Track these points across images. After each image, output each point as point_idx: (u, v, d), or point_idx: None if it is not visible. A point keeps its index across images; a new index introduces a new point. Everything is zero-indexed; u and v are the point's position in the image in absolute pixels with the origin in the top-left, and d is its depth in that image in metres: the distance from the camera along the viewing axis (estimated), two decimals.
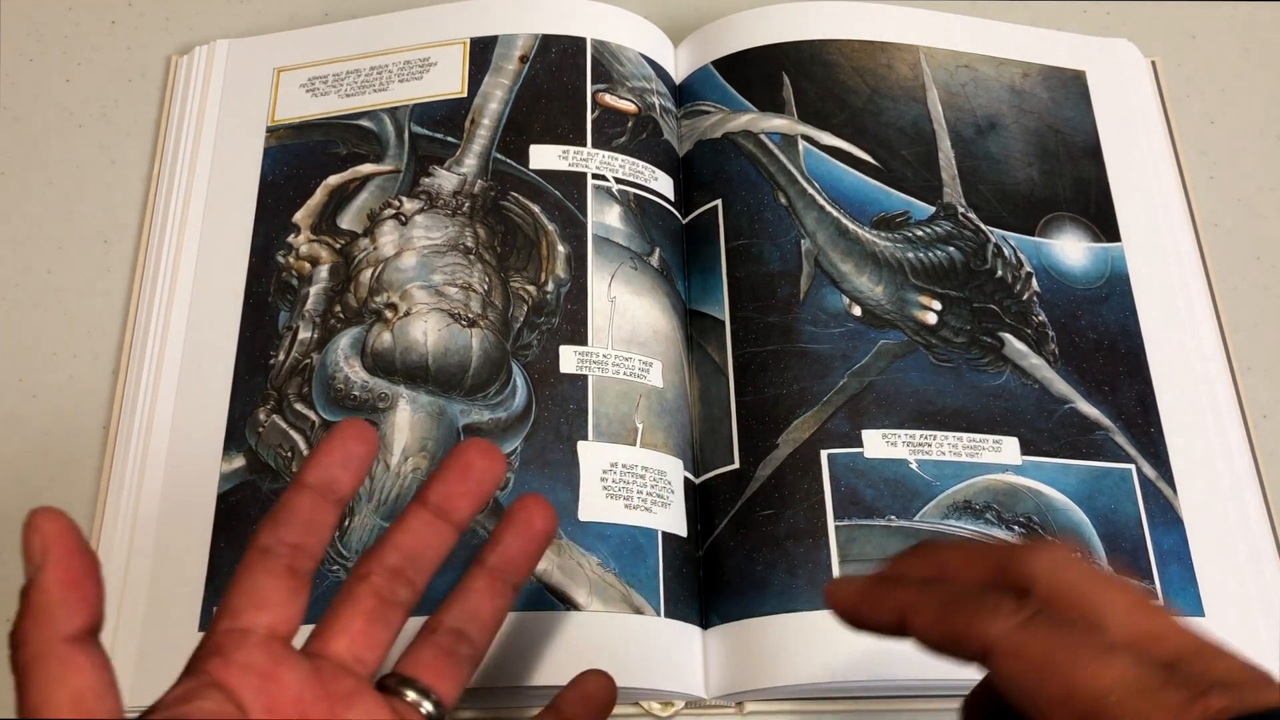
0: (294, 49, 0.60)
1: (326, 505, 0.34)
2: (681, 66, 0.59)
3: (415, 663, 0.35)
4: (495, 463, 0.36)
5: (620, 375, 0.50)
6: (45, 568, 0.29)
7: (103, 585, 0.30)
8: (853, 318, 0.52)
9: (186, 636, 0.46)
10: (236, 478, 0.49)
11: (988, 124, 0.57)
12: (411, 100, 0.57)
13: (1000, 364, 0.51)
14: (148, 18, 0.63)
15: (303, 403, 0.50)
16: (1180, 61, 0.63)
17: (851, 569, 0.46)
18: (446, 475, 0.36)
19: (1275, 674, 0.26)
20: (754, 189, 0.54)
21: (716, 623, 0.47)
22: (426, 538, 0.35)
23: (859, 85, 0.57)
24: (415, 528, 0.35)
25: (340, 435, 0.34)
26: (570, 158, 0.55)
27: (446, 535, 0.36)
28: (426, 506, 0.36)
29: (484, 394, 0.50)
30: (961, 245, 0.54)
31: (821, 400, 0.50)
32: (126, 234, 0.57)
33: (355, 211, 0.55)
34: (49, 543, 0.29)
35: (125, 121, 0.60)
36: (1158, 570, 0.48)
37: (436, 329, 0.51)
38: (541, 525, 0.37)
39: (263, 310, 0.53)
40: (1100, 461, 0.50)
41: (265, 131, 0.57)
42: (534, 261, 0.52)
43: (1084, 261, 0.55)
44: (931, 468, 0.49)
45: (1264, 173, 0.60)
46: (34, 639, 0.29)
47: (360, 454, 0.34)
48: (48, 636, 0.29)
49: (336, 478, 0.34)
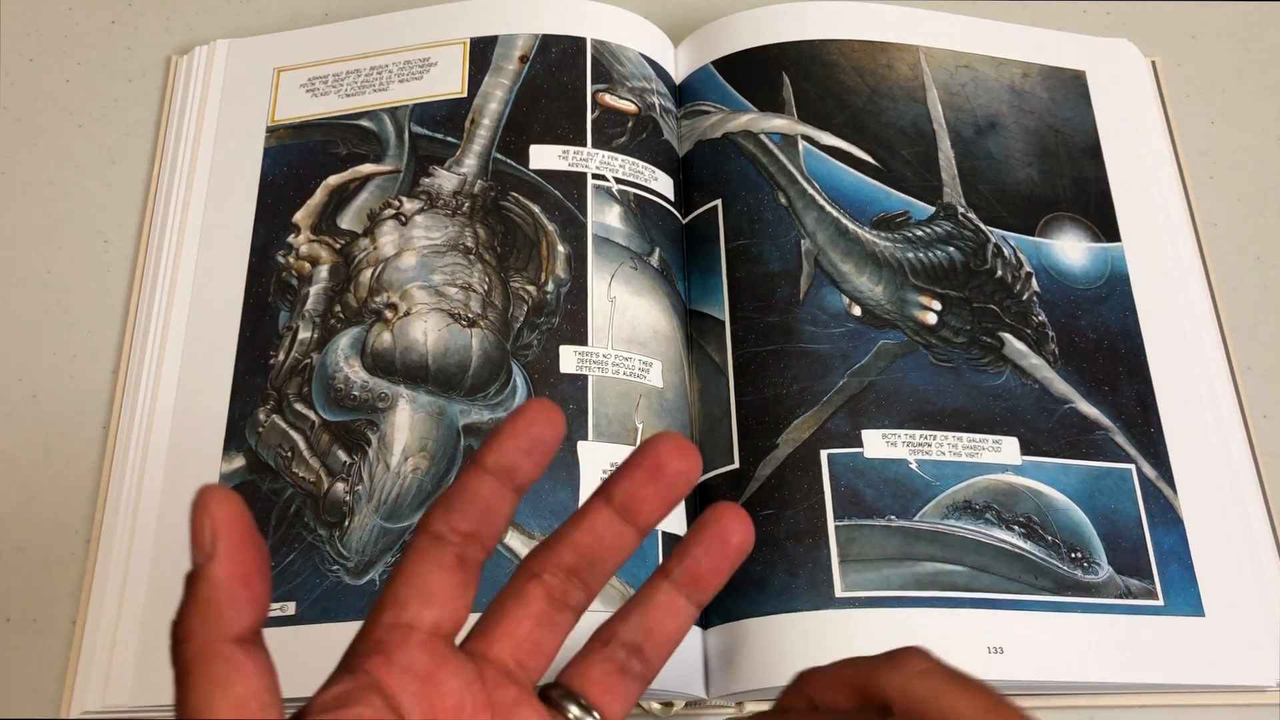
0: (294, 49, 0.60)
1: (505, 493, 0.31)
2: (681, 66, 0.59)
3: (583, 676, 0.33)
4: (692, 465, 0.32)
5: (620, 375, 0.50)
6: (216, 559, 0.27)
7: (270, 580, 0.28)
8: (853, 318, 0.52)
9: None
10: (236, 478, 0.49)
11: (988, 124, 0.57)
12: (411, 100, 0.57)
13: (1000, 364, 0.51)
14: (148, 18, 0.63)
15: (303, 403, 0.50)
16: (1180, 61, 0.63)
17: (851, 569, 0.46)
18: (635, 473, 0.32)
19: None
20: (754, 189, 0.54)
21: (716, 623, 0.47)
22: (608, 539, 0.32)
23: (859, 85, 0.57)
24: (596, 527, 0.32)
25: (526, 417, 0.31)
26: (570, 158, 0.55)
27: (629, 540, 0.32)
28: (610, 505, 0.32)
29: (484, 394, 0.50)
30: (961, 245, 0.54)
31: (821, 400, 0.50)
32: (126, 234, 0.57)
33: (355, 211, 0.55)
34: (220, 529, 0.27)
35: (125, 121, 0.60)
36: (1158, 570, 0.48)
37: (436, 329, 0.51)
38: (738, 540, 0.33)
39: (263, 310, 0.53)
40: (1100, 461, 0.50)
41: (265, 131, 0.57)
42: (534, 261, 0.52)
43: (1084, 261, 0.55)
44: (931, 468, 0.49)
45: (1264, 173, 0.60)
46: (199, 636, 0.27)
47: (547, 439, 0.31)
48: (214, 635, 0.27)
49: (518, 464, 0.31)
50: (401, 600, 0.30)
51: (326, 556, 0.47)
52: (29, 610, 0.49)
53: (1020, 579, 0.47)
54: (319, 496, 0.48)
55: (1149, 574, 0.48)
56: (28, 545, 0.50)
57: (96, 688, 0.46)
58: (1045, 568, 0.47)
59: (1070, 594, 0.47)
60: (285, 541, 0.47)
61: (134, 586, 0.47)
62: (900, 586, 0.46)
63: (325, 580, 0.47)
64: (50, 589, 0.49)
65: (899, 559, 0.46)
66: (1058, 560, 0.47)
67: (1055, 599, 0.46)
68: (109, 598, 0.47)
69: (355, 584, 0.46)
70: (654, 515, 0.32)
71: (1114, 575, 0.47)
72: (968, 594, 0.46)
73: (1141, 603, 0.47)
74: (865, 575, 0.46)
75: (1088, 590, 0.47)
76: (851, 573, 0.46)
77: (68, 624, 0.48)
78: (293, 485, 0.49)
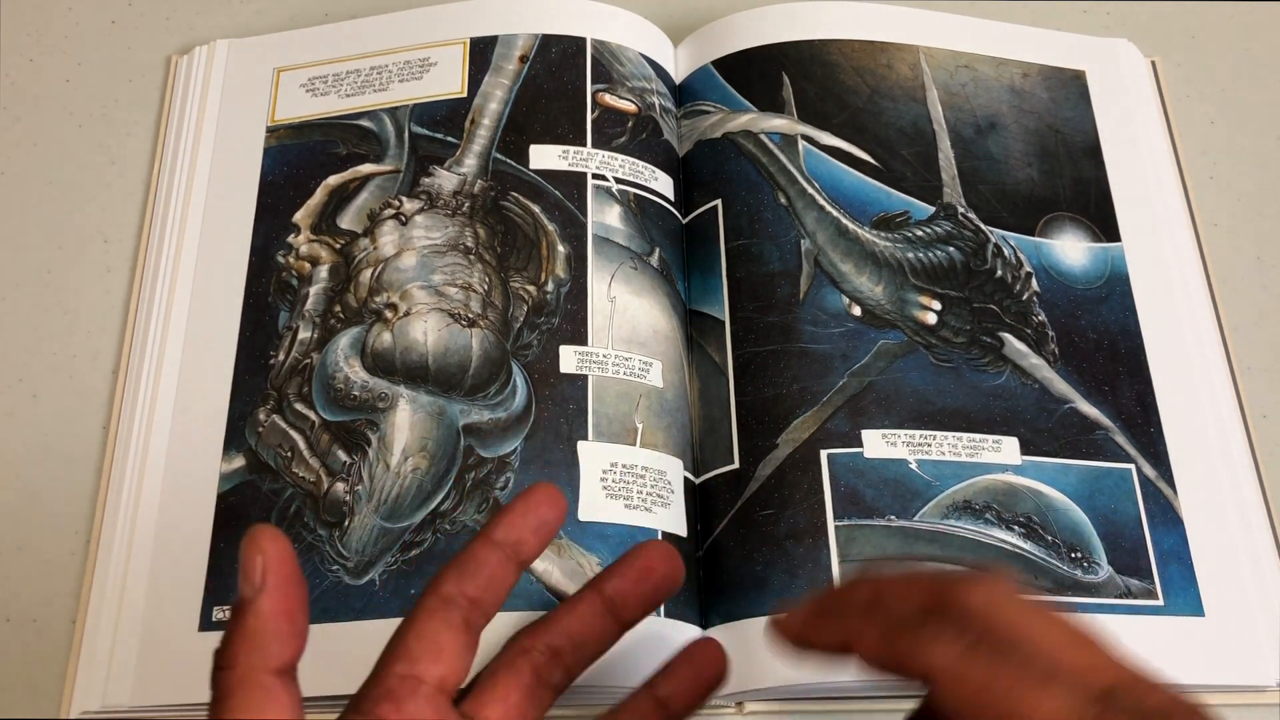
0: (294, 49, 0.60)
1: (510, 565, 0.34)
2: (681, 66, 0.59)
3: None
4: (677, 570, 0.36)
5: (620, 375, 0.50)
6: (265, 593, 0.29)
7: (309, 617, 0.30)
8: (853, 318, 0.52)
9: (186, 636, 0.46)
10: (236, 478, 0.49)
11: (988, 124, 0.57)
12: (411, 100, 0.57)
13: (1000, 364, 0.51)
14: (148, 18, 0.63)
15: (303, 403, 0.50)
16: (1180, 61, 0.63)
17: (851, 569, 0.46)
18: (627, 572, 0.36)
19: (1207, 708, 0.27)
20: (754, 189, 0.54)
21: (716, 623, 0.47)
22: (594, 630, 0.35)
23: (859, 85, 0.57)
24: (586, 616, 0.35)
25: (535, 499, 0.34)
26: (570, 158, 0.55)
27: (612, 633, 0.36)
28: (601, 597, 0.35)
29: (484, 394, 0.50)
30: (961, 245, 0.54)
31: (821, 400, 0.50)
32: (126, 234, 0.57)
33: (355, 211, 0.55)
34: (270, 566, 0.29)
35: (125, 121, 0.60)
36: (1158, 570, 0.48)
37: (436, 329, 0.51)
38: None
39: (263, 310, 0.53)
40: (1100, 461, 0.50)
41: (265, 131, 0.57)
42: (534, 261, 0.52)
43: (1084, 261, 0.55)
44: (931, 468, 0.49)
45: (1264, 173, 0.60)
46: (243, 664, 0.29)
47: (550, 521, 0.34)
48: (257, 665, 0.29)
49: (525, 540, 0.34)
50: (414, 654, 0.32)
51: (326, 556, 0.47)
52: (29, 610, 0.49)
53: (1020, 579, 0.47)
54: (319, 496, 0.48)
55: (1149, 574, 0.48)
56: (28, 545, 0.50)
57: (96, 688, 0.46)
58: (1045, 568, 0.47)
59: (1070, 594, 0.47)
60: None
61: (134, 586, 0.47)
62: None
63: (325, 580, 0.47)
64: (50, 589, 0.49)
65: (899, 559, 0.46)
66: (1058, 560, 0.47)
67: (1055, 599, 0.46)
68: (109, 598, 0.47)
69: (355, 584, 0.46)
70: (638, 614, 0.36)
71: (1114, 575, 0.47)
72: None
73: (1141, 603, 0.47)
74: None
75: (1088, 590, 0.47)
76: (851, 573, 0.46)
77: (68, 624, 0.48)
78: (293, 485, 0.49)
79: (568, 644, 0.35)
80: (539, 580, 0.46)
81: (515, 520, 0.34)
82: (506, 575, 0.33)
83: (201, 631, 0.46)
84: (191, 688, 0.45)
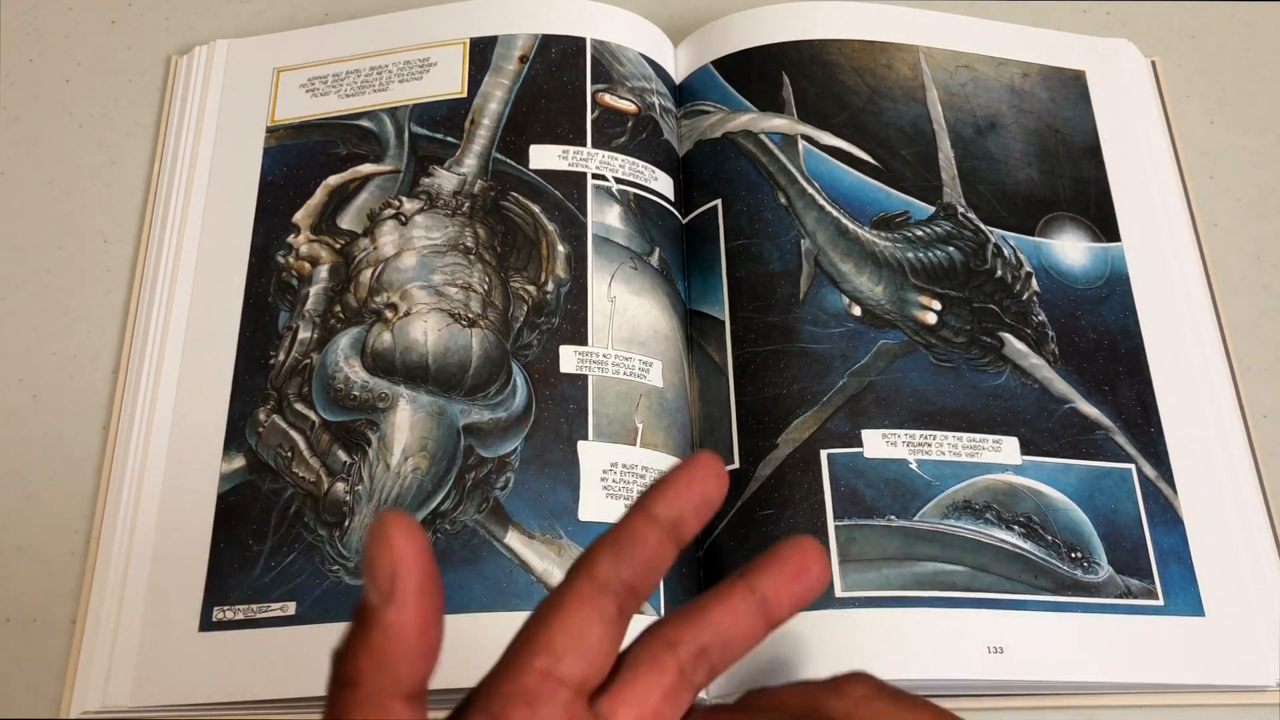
0: (294, 49, 0.60)
1: (669, 546, 0.29)
2: (681, 66, 0.59)
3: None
4: (827, 570, 0.32)
5: (620, 375, 0.50)
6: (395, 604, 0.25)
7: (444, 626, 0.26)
8: (853, 318, 0.52)
9: (186, 637, 0.46)
10: (236, 478, 0.49)
11: (988, 124, 0.57)
12: (411, 100, 0.57)
13: (1000, 364, 0.51)
14: (148, 18, 0.63)
15: (303, 403, 0.50)
16: (1180, 61, 0.63)
17: (851, 569, 0.46)
18: (783, 569, 0.32)
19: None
20: (754, 189, 0.54)
21: None
22: (744, 627, 0.31)
23: (859, 85, 0.57)
24: (738, 611, 0.31)
25: (700, 470, 0.30)
26: (570, 158, 0.55)
27: (760, 632, 0.31)
28: (754, 593, 0.31)
29: (484, 394, 0.50)
30: (961, 245, 0.54)
31: (821, 400, 0.50)
32: (126, 234, 0.57)
33: (355, 211, 0.55)
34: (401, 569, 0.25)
35: (125, 121, 0.60)
36: (1158, 570, 0.48)
37: (436, 329, 0.51)
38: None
39: (263, 310, 0.53)
40: (1100, 461, 0.50)
41: (265, 131, 0.57)
42: (534, 261, 0.52)
43: (1084, 261, 0.55)
44: (931, 467, 0.49)
45: (1264, 173, 0.60)
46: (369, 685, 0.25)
47: (713, 499, 0.30)
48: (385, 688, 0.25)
49: (686, 519, 0.29)
50: (558, 650, 0.28)
51: (327, 556, 0.47)
52: (29, 610, 0.49)
53: (1020, 579, 0.47)
54: (319, 496, 0.48)
55: (1149, 574, 0.48)
56: (28, 545, 0.50)
57: (96, 688, 0.46)
58: (1045, 567, 0.47)
59: (1070, 594, 0.47)
60: (285, 541, 0.47)
61: (134, 586, 0.47)
62: (900, 586, 0.46)
63: (325, 580, 0.46)
64: (50, 589, 0.49)
65: (899, 559, 0.46)
66: (1058, 560, 0.47)
67: (1055, 599, 0.46)
68: (109, 598, 0.47)
69: (355, 584, 0.46)
70: (787, 614, 0.32)
71: (1114, 575, 0.47)
72: (968, 594, 0.46)
73: (1141, 602, 0.47)
74: (865, 575, 0.46)
75: (1088, 590, 0.47)
76: (851, 573, 0.46)
77: (68, 624, 0.48)
78: (293, 485, 0.49)
79: (716, 641, 0.31)
80: (539, 581, 0.46)
81: (679, 493, 0.29)
82: (666, 558, 0.29)
83: (201, 632, 0.46)
84: (192, 688, 0.45)
